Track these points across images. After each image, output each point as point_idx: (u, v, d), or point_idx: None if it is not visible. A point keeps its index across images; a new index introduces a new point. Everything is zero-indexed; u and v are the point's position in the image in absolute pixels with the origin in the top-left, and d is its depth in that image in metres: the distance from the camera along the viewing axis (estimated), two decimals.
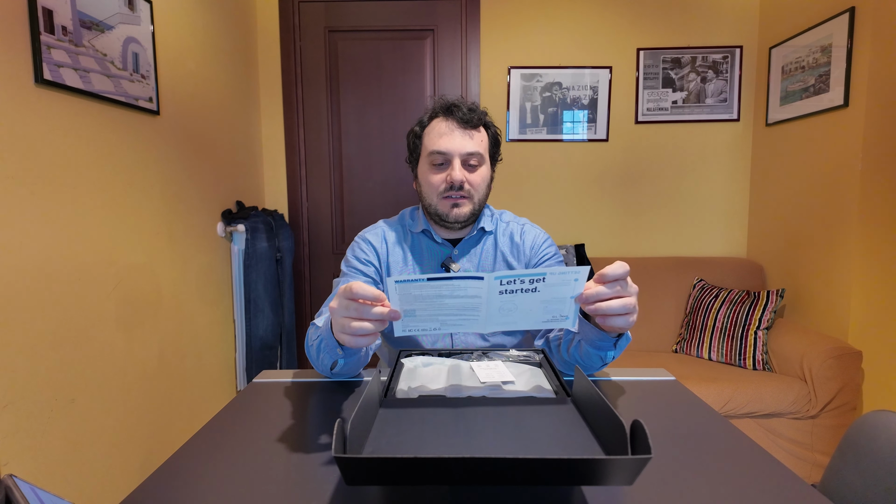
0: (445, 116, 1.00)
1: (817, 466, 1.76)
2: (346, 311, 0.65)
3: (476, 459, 0.43)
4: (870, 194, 1.74)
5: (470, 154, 0.99)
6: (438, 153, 0.99)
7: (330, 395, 0.85)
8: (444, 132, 0.99)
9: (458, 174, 0.98)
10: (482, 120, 1.02)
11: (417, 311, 0.65)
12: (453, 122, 0.99)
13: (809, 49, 2.00)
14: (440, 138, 0.99)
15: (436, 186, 1.00)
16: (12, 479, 0.37)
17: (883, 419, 0.68)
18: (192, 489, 0.57)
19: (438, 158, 0.99)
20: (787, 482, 0.57)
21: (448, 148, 0.98)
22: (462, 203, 1.00)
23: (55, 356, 1.20)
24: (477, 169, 1.01)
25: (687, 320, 2.19)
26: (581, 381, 0.63)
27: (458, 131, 0.99)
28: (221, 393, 2.01)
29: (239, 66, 2.21)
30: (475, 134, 1.00)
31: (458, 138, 0.98)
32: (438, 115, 1.02)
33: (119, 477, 1.40)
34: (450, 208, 1.00)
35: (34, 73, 1.14)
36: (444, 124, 1.00)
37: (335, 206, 2.52)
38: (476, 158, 0.99)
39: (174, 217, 1.69)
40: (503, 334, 1.06)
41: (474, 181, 1.00)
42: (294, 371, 0.97)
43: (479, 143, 1.00)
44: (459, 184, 0.98)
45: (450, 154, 0.98)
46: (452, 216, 1.01)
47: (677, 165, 2.44)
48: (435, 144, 0.99)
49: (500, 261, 1.08)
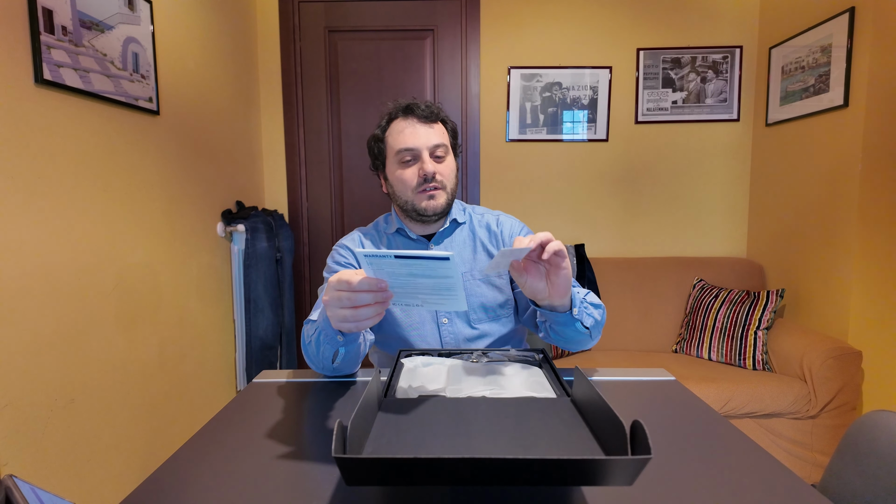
0: (405, 116, 1.04)
1: (817, 466, 1.76)
2: (340, 303, 0.67)
3: (476, 460, 0.43)
4: (870, 194, 1.74)
5: (436, 146, 1.02)
6: (406, 150, 1.02)
7: (330, 395, 0.85)
8: (408, 131, 1.02)
9: (429, 166, 1.01)
10: (440, 115, 1.06)
11: (395, 287, 0.67)
12: (414, 120, 1.03)
13: (809, 49, 2.00)
14: (405, 136, 1.02)
15: (409, 182, 1.03)
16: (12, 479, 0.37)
17: (883, 419, 0.68)
18: (192, 489, 0.57)
19: (407, 155, 1.02)
20: (787, 482, 0.57)
21: (415, 143, 1.01)
22: (437, 194, 1.03)
23: (55, 356, 1.20)
24: (444, 160, 1.04)
25: (687, 320, 2.19)
26: (581, 381, 0.63)
27: (420, 127, 1.02)
28: (221, 393, 2.01)
29: (239, 66, 2.21)
30: (436, 126, 1.04)
31: (423, 133, 1.02)
32: (398, 117, 1.05)
33: (119, 477, 1.40)
34: (427, 200, 1.03)
35: (34, 73, 1.14)
36: (405, 123, 1.03)
37: (335, 206, 2.52)
38: (442, 149, 1.03)
39: (174, 217, 1.69)
40: (489, 321, 1.07)
41: (444, 171, 1.04)
42: (294, 371, 0.97)
43: (442, 135, 1.04)
44: (432, 175, 1.01)
45: (417, 149, 1.01)
46: (430, 208, 1.03)
47: (677, 165, 2.44)
48: (401, 143, 1.02)
49: (479, 249, 1.10)
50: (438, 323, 1.06)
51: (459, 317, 1.06)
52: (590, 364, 2.04)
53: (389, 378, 0.74)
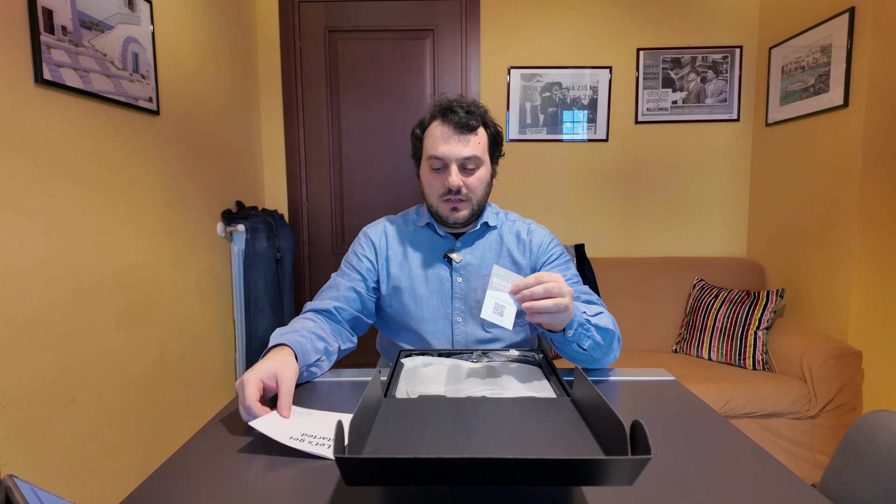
0: (443, 120, 1.02)
1: (817, 466, 1.76)
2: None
3: (476, 460, 0.43)
4: (870, 194, 1.74)
5: (466, 159, 1.00)
6: (436, 158, 1.01)
7: (330, 395, 0.85)
8: (441, 138, 1.01)
9: (454, 180, 1.00)
10: (480, 121, 1.03)
11: None
12: (450, 128, 1.00)
13: (809, 49, 2.00)
14: (437, 144, 1.01)
15: (436, 188, 1.03)
16: (12, 480, 0.37)
17: (883, 419, 0.68)
18: (192, 489, 0.57)
19: (437, 163, 1.02)
20: (787, 482, 0.57)
21: (445, 154, 1.00)
22: (461, 206, 1.03)
23: (55, 356, 1.20)
24: (474, 172, 1.03)
25: (687, 320, 2.19)
26: (581, 381, 0.63)
27: (454, 137, 1.00)
28: (221, 393, 2.01)
29: (239, 66, 2.21)
30: (472, 138, 1.01)
31: (455, 144, 1.00)
32: (437, 118, 1.03)
33: (119, 477, 1.40)
34: (449, 211, 1.03)
35: (34, 73, 1.14)
36: (441, 129, 1.01)
37: (335, 206, 2.52)
38: (473, 162, 1.01)
39: (174, 217, 1.68)
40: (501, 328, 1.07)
41: (471, 184, 1.02)
42: None
43: (475, 147, 1.01)
44: (457, 189, 1.00)
45: (447, 160, 1.00)
46: (452, 219, 1.04)
47: (677, 165, 2.44)
48: (433, 150, 1.02)
49: (504, 255, 1.09)
50: (452, 321, 1.06)
51: (474, 318, 1.06)
52: None
53: (389, 378, 0.74)
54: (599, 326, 0.89)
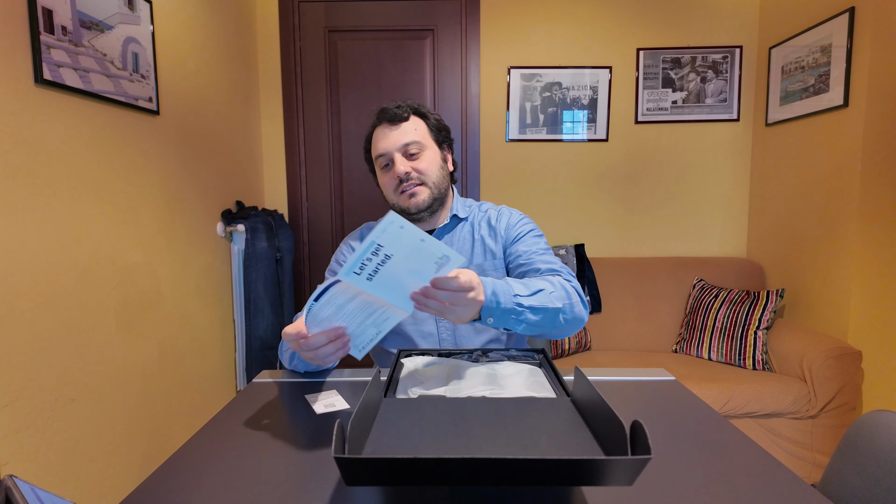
0: (378, 122, 1.08)
1: (817, 466, 1.76)
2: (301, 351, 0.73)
3: (476, 460, 0.43)
4: (870, 194, 1.74)
5: (406, 145, 1.04)
6: (381, 156, 1.06)
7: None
8: (380, 136, 1.06)
9: (400, 167, 1.04)
10: (411, 111, 1.07)
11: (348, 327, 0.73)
12: (384, 125, 1.06)
13: (809, 49, 2.00)
14: (377, 142, 1.07)
15: (389, 186, 1.07)
16: (12, 480, 0.37)
17: (883, 419, 0.68)
18: (192, 489, 0.57)
19: (383, 161, 1.06)
20: (787, 482, 0.57)
21: (385, 147, 1.05)
22: (417, 191, 1.05)
23: (55, 356, 1.20)
24: (420, 155, 1.05)
25: (687, 320, 2.19)
26: (581, 381, 0.63)
27: (389, 130, 1.05)
28: (221, 393, 2.01)
29: (239, 66, 2.21)
30: (405, 125, 1.05)
31: (391, 135, 1.05)
32: (375, 126, 1.09)
33: (119, 477, 1.40)
34: (408, 199, 1.05)
35: (34, 73, 1.14)
36: (378, 130, 1.07)
37: (335, 206, 2.52)
38: (415, 147, 1.05)
39: (174, 217, 1.68)
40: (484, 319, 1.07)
41: (420, 167, 1.05)
42: (294, 371, 0.97)
43: (412, 133, 1.05)
44: (405, 175, 1.03)
45: (388, 152, 1.05)
46: (413, 206, 1.05)
47: (677, 165, 2.44)
48: (376, 150, 1.07)
49: (478, 245, 1.10)
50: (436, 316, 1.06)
51: None
52: (590, 364, 2.04)
53: (389, 378, 0.74)
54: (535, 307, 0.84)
